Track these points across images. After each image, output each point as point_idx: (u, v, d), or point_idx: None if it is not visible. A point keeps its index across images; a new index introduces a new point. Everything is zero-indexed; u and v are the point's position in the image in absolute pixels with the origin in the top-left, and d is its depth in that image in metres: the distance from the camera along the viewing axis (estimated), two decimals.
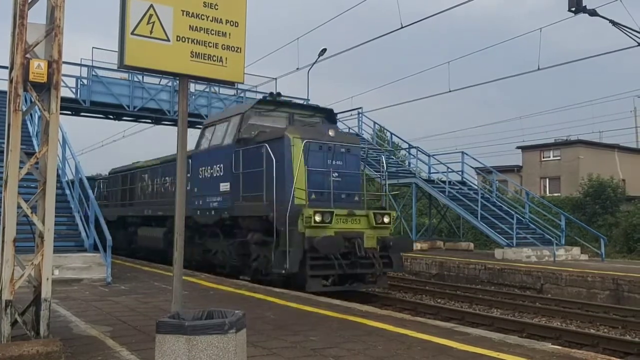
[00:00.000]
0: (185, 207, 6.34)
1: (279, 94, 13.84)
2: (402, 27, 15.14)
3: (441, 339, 6.36)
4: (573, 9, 10.90)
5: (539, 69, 18.99)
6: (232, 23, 6.22)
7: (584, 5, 10.90)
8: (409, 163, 25.47)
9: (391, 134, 26.77)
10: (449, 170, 22.95)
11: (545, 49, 27.17)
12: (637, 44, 12.35)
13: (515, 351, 5.86)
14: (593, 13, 11.34)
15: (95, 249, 12.27)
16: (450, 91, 22.94)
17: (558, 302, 12.69)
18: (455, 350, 5.90)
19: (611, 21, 11.64)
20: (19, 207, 5.50)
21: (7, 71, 6.43)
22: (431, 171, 23.67)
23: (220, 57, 6.13)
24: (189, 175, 13.50)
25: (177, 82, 6.72)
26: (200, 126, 15.69)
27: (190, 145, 13.25)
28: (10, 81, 5.70)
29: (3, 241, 5.42)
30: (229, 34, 6.19)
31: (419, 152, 23.55)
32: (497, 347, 6.02)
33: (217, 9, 6.12)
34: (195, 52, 5.98)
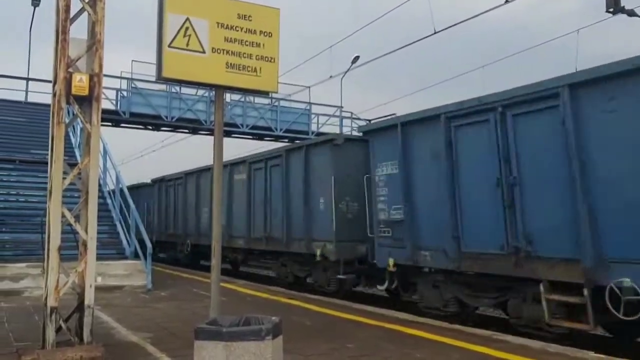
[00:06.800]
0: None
1: None
2: (435, 33, 15.02)
3: (479, 347, 6.27)
4: (611, 9, 10.68)
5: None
6: (265, 34, 6.32)
7: (622, 5, 10.67)
8: None
9: None
10: None
11: (581, 51, 26.55)
12: None
13: None
14: (632, 13, 11.08)
15: (136, 256, 12.56)
16: None
17: None
18: (494, 358, 5.82)
19: None
20: (63, 216, 5.67)
21: (46, 84, 6.64)
22: None
23: (255, 68, 6.24)
24: None
25: (214, 92, 6.84)
26: (238, 135, 14.94)
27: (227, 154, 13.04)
28: (54, 95, 5.90)
29: (48, 249, 5.59)
30: (263, 44, 6.30)
31: None
32: (538, 355, 5.91)
33: (251, 20, 6.23)
34: (231, 63, 6.10)
